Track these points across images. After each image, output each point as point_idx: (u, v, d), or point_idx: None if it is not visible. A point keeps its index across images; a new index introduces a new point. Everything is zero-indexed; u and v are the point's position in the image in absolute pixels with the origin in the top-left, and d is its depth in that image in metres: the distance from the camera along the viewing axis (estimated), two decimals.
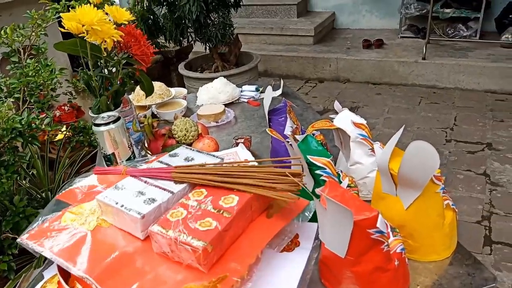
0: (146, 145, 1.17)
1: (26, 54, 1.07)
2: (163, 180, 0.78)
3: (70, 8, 1.08)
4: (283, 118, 1.02)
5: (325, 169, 0.79)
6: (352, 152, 0.93)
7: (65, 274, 0.68)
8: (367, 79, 3.92)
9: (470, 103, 3.27)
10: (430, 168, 0.68)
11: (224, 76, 1.71)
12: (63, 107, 2.19)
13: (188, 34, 2.63)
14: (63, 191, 0.86)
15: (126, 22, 0.96)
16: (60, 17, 0.88)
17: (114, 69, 1.02)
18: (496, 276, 0.77)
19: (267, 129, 0.90)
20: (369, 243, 0.64)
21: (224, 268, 0.64)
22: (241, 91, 1.63)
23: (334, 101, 1.01)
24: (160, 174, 0.79)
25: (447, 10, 4.10)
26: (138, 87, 1.16)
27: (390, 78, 3.82)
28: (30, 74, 1.00)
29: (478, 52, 3.75)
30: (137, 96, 1.49)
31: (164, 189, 0.75)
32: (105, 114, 0.95)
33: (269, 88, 1.05)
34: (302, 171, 0.76)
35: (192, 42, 2.73)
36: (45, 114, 1.12)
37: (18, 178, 1.06)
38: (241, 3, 2.72)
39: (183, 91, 1.65)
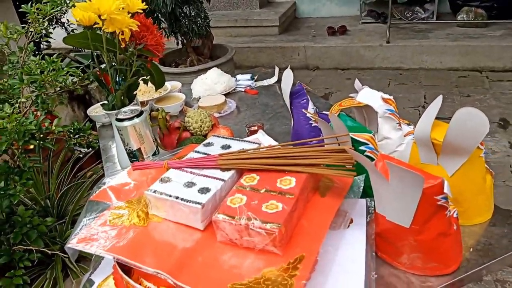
0: (158, 140, 1.13)
1: (23, 52, 0.98)
2: (208, 169, 0.76)
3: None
4: (304, 100, 1.02)
5: (368, 144, 0.80)
6: (380, 128, 0.94)
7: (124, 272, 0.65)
8: (335, 65, 4.00)
9: (436, 81, 3.43)
10: (479, 133, 0.71)
11: (201, 70, 1.67)
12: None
13: (161, 28, 2.56)
14: (95, 193, 0.81)
15: (140, 11, 0.92)
16: None
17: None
18: None
19: (306, 111, 0.90)
20: (434, 210, 0.65)
21: (297, 249, 0.63)
22: (236, 81, 1.61)
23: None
24: (205, 163, 0.76)
25: None
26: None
27: (357, 63, 3.92)
28: (33, 72, 0.93)
29: (437, 32, 3.92)
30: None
31: (214, 178, 0.73)
32: (126, 109, 0.91)
33: (289, 71, 1.04)
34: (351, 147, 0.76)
35: (166, 36, 2.65)
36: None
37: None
38: None
39: (178, 84, 1.60)
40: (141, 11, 0.93)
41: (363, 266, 0.66)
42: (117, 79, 0.96)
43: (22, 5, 1.14)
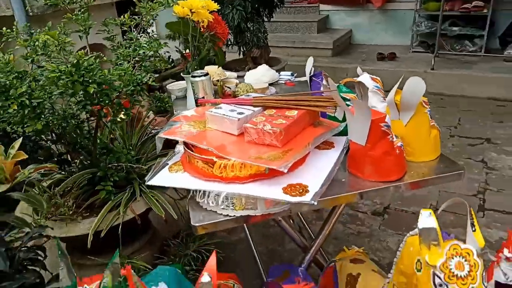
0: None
1: (137, 31, 1.51)
2: (245, 105, 1.20)
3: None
4: (320, 78, 1.44)
5: (350, 100, 1.20)
6: (369, 99, 1.33)
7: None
8: None
9: (473, 108, 3.65)
10: (419, 92, 1.09)
11: None
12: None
13: (228, 39, 3.10)
14: (175, 116, 1.28)
15: (215, 10, 1.41)
16: None
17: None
18: (464, 166, 1.15)
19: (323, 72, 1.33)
20: (380, 134, 1.04)
21: (290, 146, 1.04)
22: (279, 76, 2.06)
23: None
24: (244, 102, 1.21)
25: (455, 28, 4.53)
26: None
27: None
28: (141, 45, 1.44)
29: (483, 65, 4.14)
30: None
31: (248, 109, 1.17)
32: (198, 72, 1.39)
33: (311, 58, 1.48)
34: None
35: (231, 46, 3.19)
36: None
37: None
38: (272, 15, 3.19)
39: (234, 74, 2.08)
40: (215, 10, 1.42)
41: (333, 163, 1.06)
42: (194, 55, 1.44)
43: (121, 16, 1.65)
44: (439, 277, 0.80)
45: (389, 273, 1.04)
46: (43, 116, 1.27)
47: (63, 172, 1.62)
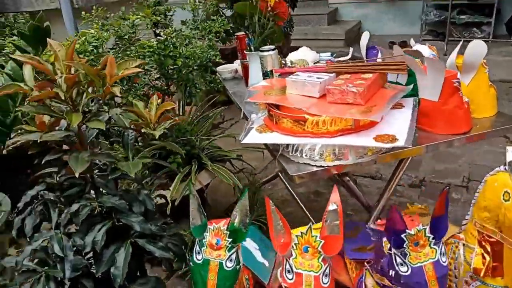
0: None
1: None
2: (319, 73, 1.32)
3: None
4: (376, 51, 1.56)
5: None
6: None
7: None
8: None
9: None
10: (481, 54, 1.21)
11: None
12: None
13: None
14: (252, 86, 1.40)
15: None
16: None
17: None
18: None
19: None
20: (453, 90, 1.16)
21: (371, 104, 1.16)
22: (320, 57, 2.18)
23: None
24: (318, 69, 1.33)
25: (463, 16, 4.68)
26: None
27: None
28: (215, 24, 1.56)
29: (492, 50, 4.28)
30: None
31: (324, 75, 1.29)
32: (266, 47, 1.50)
33: (366, 32, 1.60)
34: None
35: None
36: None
37: None
38: (295, 6, 3.33)
39: None
40: None
41: (409, 118, 1.18)
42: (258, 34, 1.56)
43: None
44: None
45: (467, 215, 1.16)
46: None
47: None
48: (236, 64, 2.08)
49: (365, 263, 1.18)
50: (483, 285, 1.11)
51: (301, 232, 0.92)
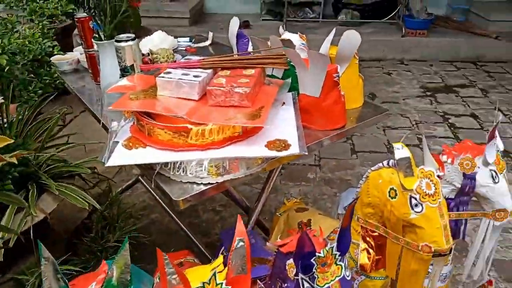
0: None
1: None
2: (194, 68, 1.14)
3: None
4: (246, 39, 1.45)
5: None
6: None
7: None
8: None
9: None
10: (355, 44, 1.21)
11: None
12: None
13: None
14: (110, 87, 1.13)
15: None
16: None
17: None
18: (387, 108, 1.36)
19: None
20: (332, 84, 1.13)
21: (258, 105, 1.05)
22: (178, 42, 1.97)
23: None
24: (192, 65, 1.14)
25: None
26: None
27: None
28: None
29: (322, 29, 4.70)
30: None
31: (201, 71, 1.11)
32: (122, 35, 1.23)
33: (236, 19, 1.46)
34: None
35: None
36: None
37: None
38: None
39: None
40: None
41: (293, 117, 1.11)
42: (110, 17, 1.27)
43: None
44: (415, 198, 0.94)
45: (343, 208, 1.17)
46: None
47: None
48: (77, 53, 1.72)
49: (258, 281, 1.06)
50: (368, 279, 1.14)
51: (203, 283, 0.76)
